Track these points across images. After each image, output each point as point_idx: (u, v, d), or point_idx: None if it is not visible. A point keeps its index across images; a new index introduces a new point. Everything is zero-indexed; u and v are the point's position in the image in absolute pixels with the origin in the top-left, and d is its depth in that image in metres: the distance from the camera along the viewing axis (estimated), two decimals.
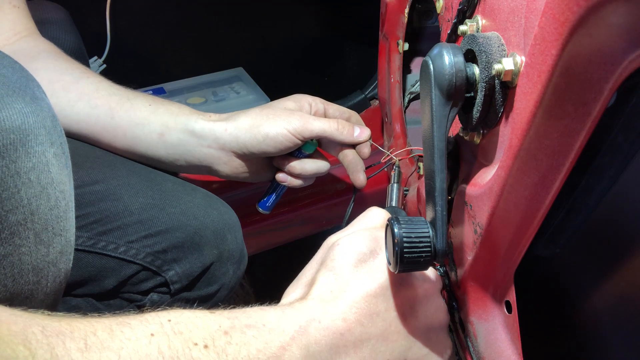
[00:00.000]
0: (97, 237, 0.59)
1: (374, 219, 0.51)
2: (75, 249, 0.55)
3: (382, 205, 1.07)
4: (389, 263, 0.50)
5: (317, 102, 0.70)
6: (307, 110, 0.69)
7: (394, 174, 0.70)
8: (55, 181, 0.41)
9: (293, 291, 0.47)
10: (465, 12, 0.46)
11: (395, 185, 0.69)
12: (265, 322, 0.40)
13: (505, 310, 0.49)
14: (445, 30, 0.51)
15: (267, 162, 0.71)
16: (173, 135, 0.64)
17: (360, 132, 0.67)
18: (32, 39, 0.68)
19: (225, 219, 0.67)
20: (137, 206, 0.60)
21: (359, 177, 0.70)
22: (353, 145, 0.69)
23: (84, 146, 0.65)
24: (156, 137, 0.64)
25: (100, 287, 0.62)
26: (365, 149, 0.70)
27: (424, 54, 0.80)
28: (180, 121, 0.64)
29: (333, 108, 0.71)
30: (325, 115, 0.71)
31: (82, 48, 0.90)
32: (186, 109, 0.66)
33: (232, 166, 0.67)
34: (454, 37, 0.49)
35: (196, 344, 0.36)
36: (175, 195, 0.63)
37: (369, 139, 0.69)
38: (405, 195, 0.77)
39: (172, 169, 0.69)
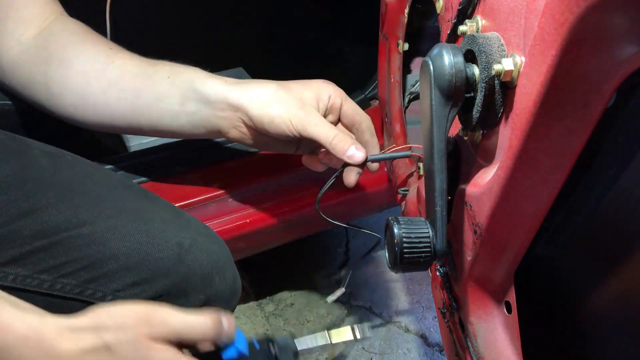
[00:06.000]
0: (84, 285, 0.59)
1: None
2: (63, 297, 0.57)
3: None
4: (389, 263, 0.50)
5: (336, 97, 0.69)
6: (323, 104, 0.69)
7: None
8: None
9: (92, 329, 0.49)
10: (465, 13, 0.46)
11: None
12: None
13: (505, 310, 0.49)
14: (445, 31, 0.51)
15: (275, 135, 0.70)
16: (191, 104, 0.68)
17: (353, 154, 0.64)
18: (60, 21, 0.72)
19: (214, 260, 0.66)
20: (124, 251, 0.60)
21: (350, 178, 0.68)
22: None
23: (74, 177, 0.64)
24: (177, 107, 0.68)
25: None
26: (372, 167, 0.68)
27: (424, 54, 0.80)
28: (196, 89, 0.67)
29: (349, 106, 0.70)
30: (339, 111, 0.70)
31: None
32: (201, 74, 0.69)
33: (241, 131, 0.69)
34: (453, 37, 0.49)
35: None
36: (163, 238, 0.63)
37: (361, 162, 0.65)
38: (405, 195, 0.77)
39: (192, 137, 0.72)
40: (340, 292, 1.09)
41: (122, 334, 0.48)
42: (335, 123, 0.72)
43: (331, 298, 1.09)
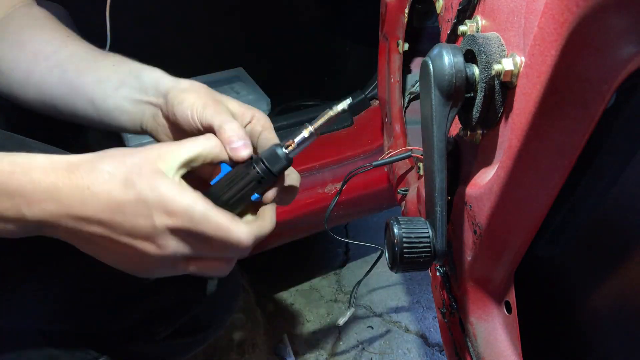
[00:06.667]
0: None
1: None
2: None
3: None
4: (389, 263, 0.50)
5: (263, 124, 0.60)
6: (244, 119, 0.60)
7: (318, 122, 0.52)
8: None
9: (106, 153, 0.48)
10: (465, 13, 0.46)
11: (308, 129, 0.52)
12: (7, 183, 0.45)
13: (505, 310, 0.49)
14: (445, 31, 0.51)
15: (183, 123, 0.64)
16: (124, 90, 0.65)
17: (238, 147, 0.54)
18: (26, 7, 0.71)
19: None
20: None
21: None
22: None
23: None
24: (111, 91, 0.65)
25: None
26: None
27: (424, 54, 0.80)
28: (136, 74, 0.64)
29: (269, 135, 0.59)
30: (258, 138, 0.59)
31: None
32: (154, 69, 0.65)
33: (156, 122, 0.65)
34: (453, 37, 0.49)
35: None
36: None
37: (243, 159, 0.53)
38: (405, 195, 0.77)
39: (113, 127, 0.69)
40: (350, 312, 1.07)
41: (136, 170, 0.47)
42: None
43: (342, 320, 1.08)
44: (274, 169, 0.53)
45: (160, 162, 0.47)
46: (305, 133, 0.53)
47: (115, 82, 0.65)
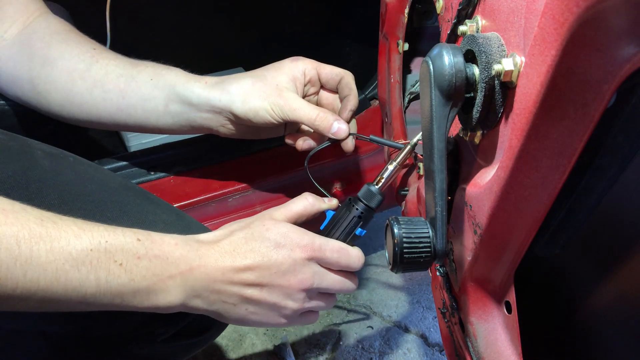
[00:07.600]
0: None
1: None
2: None
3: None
4: (389, 263, 0.50)
5: (310, 69, 0.72)
6: (300, 82, 0.71)
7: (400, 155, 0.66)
8: None
9: (222, 229, 0.60)
10: (465, 13, 0.46)
11: (390, 165, 0.66)
12: (168, 256, 0.53)
13: (505, 310, 0.49)
14: (445, 31, 0.51)
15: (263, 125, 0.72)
16: (176, 106, 0.70)
17: (338, 130, 0.68)
18: (43, 19, 0.73)
19: None
20: None
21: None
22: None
23: (76, 179, 0.63)
24: (162, 108, 0.70)
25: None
26: (348, 145, 0.70)
27: (424, 54, 0.80)
28: (179, 92, 0.69)
29: (326, 71, 0.73)
30: (319, 79, 0.73)
31: None
32: (182, 77, 0.70)
33: (228, 128, 0.73)
34: (453, 37, 0.49)
35: (115, 261, 0.49)
36: None
37: (347, 137, 0.69)
38: (405, 195, 0.77)
39: (180, 133, 0.76)
40: None
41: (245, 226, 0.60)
42: (318, 92, 0.75)
43: None
44: (371, 204, 0.64)
45: (275, 216, 0.60)
46: (391, 168, 0.65)
47: (162, 100, 0.70)
